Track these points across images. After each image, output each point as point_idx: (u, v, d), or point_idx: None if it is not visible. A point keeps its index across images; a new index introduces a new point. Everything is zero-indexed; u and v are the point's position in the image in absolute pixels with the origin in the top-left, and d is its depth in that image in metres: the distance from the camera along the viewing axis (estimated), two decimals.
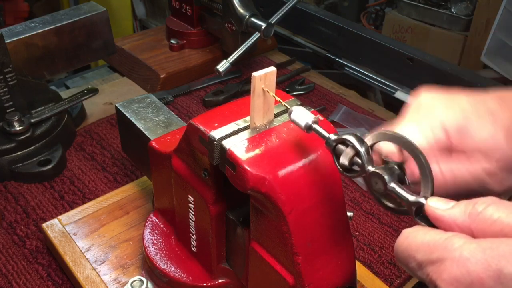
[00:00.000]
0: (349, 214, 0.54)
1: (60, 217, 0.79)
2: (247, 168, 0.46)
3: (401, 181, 0.42)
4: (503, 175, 0.46)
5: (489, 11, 1.57)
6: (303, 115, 0.45)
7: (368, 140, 0.44)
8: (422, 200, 0.39)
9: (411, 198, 0.40)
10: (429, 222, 0.38)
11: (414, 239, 0.37)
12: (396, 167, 0.43)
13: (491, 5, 1.56)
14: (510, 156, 0.46)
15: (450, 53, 1.70)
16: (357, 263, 0.59)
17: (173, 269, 0.65)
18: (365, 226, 0.84)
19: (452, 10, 1.74)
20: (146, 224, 0.71)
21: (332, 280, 0.51)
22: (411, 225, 0.40)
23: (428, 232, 0.37)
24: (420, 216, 0.39)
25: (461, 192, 0.47)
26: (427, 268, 0.36)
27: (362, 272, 0.72)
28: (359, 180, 0.92)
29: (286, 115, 0.52)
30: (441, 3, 1.76)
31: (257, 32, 1.08)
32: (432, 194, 0.40)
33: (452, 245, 0.35)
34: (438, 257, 0.35)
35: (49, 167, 0.92)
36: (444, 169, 0.47)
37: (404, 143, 0.41)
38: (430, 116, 0.48)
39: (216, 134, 0.50)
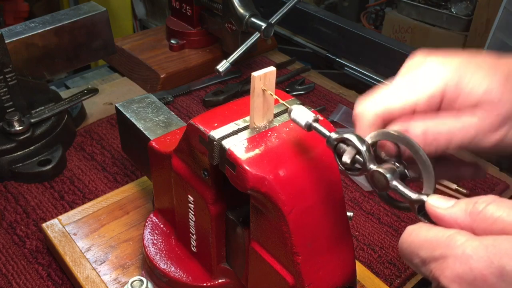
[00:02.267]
0: (349, 214, 0.54)
1: (60, 217, 0.79)
2: (247, 168, 0.46)
3: (403, 179, 0.42)
4: (494, 128, 0.44)
5: (489, 11, 1.57)
6: (303, 114, 0.45)
7: (369, 138, 0.44)
8: (424, 197, 0.39)
9: (413, 196, 0.40)
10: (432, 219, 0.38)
11: (417, 236, 0.38)
12: (398, 164, 0.43)
13: (491, 5, 1.56)
14: (503, 107, 0.44)
15: None
16: (357, 263, 0.59)
17: (173, 269, 0.65)
18: (365, 226, 0.84)
19: (452, 10, 1.74)
20: (146, 224, 0.72)
21: (332, 280, 0.51)
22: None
23: (431, 229, 0.37)
24: (423, 213, 0.39)
25: (448, 151, 0.45)
26: (430, 265, 0.36)
27: (362, 272, 0.72)
28: (359, 180, 0.92)
29: (286, 115, 0.52)
30: (441, 3, 1.76)
31: (257, 32, 1.08)
32: (434, 192, 0.40)
33: (455, 242, 0.35)
34: (441, 254, 0.35)
35: (49, 167, 0.92)
36: (433, 129, 0.45)
37: (404, 141, 0.41)
38: (425, 72, 0.46)
39: (216, 134, 0.50)
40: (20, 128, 0.90)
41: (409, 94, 0.46)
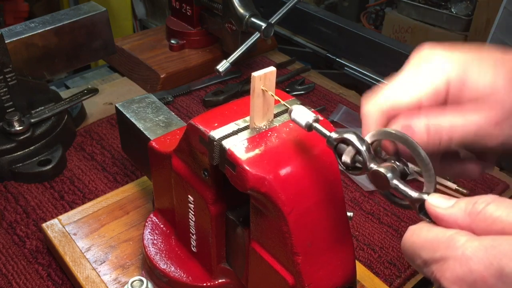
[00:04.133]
0: (349, 214, 0.54)
1: (60, 217, 0.79)
2: (247, 168, 0.46)
3: (403, 177, 0.42)
4: (498, 125, 0.43)
5: (489, 11, 1.57)
6: (303, 114, 0.45)
7: (368, 138, 0.44)
8: (425, 196, 0.39)
9: (414, 194, 0.40)
10: None
11: (418, 237, 0.38)
12: (398, 163, 0.43)
13: (491, 5, 1.56)
14: (506, 103, 0.43)
15: None
16: (357, 263, 0.59)
17: (173, 269, 0.65)
18: (365, 226, 0.84)
19: (452, 10, 1.74)
20: (146, 224, 0.72)
21: (332, 280, 0.51)
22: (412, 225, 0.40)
23: (432, 229, 0.37)
24: (424, 212, 0.39)
25: (451, 148, 0.45)
26: (431, 266, 0.36)
27: (362, 272, 0.72)
28: (359, 180, 0.92)
29: (286, 115, 0.52)
30: (441, 3, 1.76)
31: (257, 32, 1.08)
32: (435, 190, 0.40)
33: (455, 243, 0.35)
34: (441, 255, 0.35)
35: (49, 167, 0.92)
36: (435, 125, 0.45)
37: (404, 141, 0.41)
38: (429, 67, 0.47)
39: (216, 134, 0.50)
40: (20, 128, 0.90)
41: (413, 90, 0.46)
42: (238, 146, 0.48)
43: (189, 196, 0.60)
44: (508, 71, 0.44)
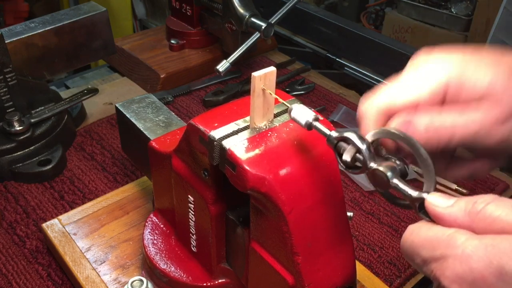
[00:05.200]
0: (349, 214, 0.54)
1: (60, 217, 0.79)
2: (247, 168, 0.46)
3: (403, 176, 0.42)
4: (498, 124, 0.43)
5: (489, 11, 1.57)
6: (303, 113, 0.45)
7: (369, 137, 0.44)
8: (425, 195, 0.39)
9: (414, 193, 0.40)
10: None
11: (418, 236, 0.38)
12: (398, 162, 0.43)
13: (491, 5, 1.56)
14: (507, 101, 0.43)
15: None
16: (357, 263, 0.59)
17: (173, 269, 0.65)
18: (365, 226, 0.84)
19: (452, 10, 1.74)
20: (146, 224, 0.72)
21: (332, 280, 0.51)
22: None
23: (431, 228, 0.37)
24: (423, 211, 0.39)
25: (451, 147, 0.45)
26: (431, 265, 0.36)
27: (362, 272, 0.72)
28: (359, 180, 0.92)
29: (286, 115, 0.52)
30: (441, 3, 1.76)
31: (257, 32, 1.08)
32: (435, 189, 0.40)
33: (455, 242, 0.35)
34: (441, 254, 0.35)
35: (49, 167, 0.92)
36: (436, 123, 0.45)
37: (405, 140, 0.41)
38: (427, 68, 0.47)
39: (216, 134, 0.50)
40: (20, 128, 0.90)
41: (411, 90, 0.46)
42: (238, 146, 0.48)
43: (189, 196, 0.60)
44: (506, 70, 0.44)
